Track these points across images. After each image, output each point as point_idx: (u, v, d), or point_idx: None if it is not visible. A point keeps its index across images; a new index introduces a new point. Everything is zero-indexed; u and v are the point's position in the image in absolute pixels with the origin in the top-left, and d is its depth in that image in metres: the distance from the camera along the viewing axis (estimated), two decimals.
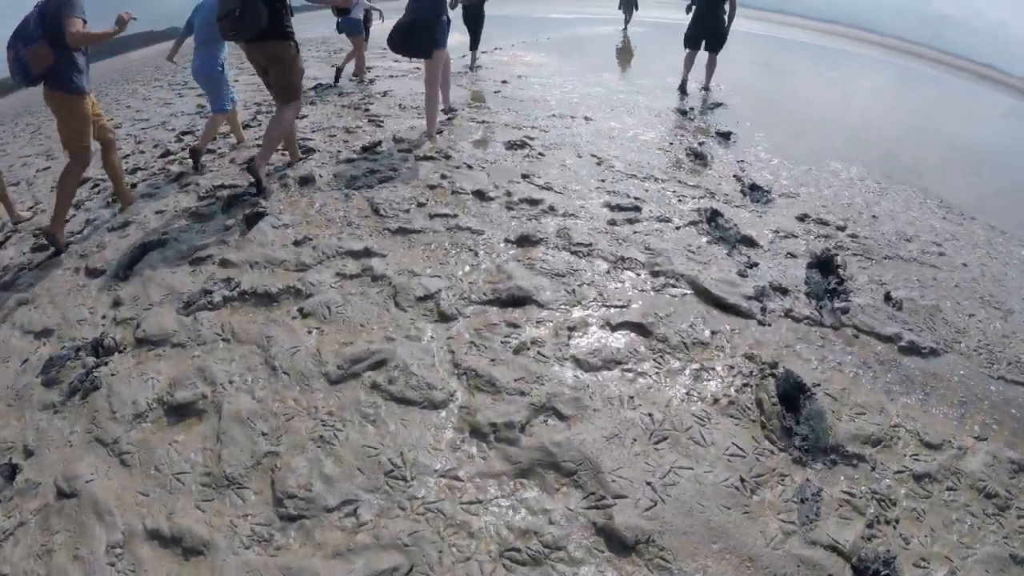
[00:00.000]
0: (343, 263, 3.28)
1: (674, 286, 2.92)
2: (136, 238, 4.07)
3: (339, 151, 5.23)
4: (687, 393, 2.25)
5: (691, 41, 7.90)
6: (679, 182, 4.33)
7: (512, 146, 5.01)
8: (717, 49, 7.93)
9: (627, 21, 18.99)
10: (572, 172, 4.43)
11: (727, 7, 7.61)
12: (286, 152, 5.17)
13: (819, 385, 2.33)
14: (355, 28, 8.55)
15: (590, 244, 3.29)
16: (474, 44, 9.71)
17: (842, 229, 3.84)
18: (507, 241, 3.38)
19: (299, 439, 2.22)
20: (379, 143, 5.35)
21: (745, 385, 2.30)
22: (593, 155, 4.79)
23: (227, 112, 5.54)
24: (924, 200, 4.78)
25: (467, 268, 3.15)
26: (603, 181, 4.25)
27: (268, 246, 3.55)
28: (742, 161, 5.01)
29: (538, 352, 2.42)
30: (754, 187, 4.40)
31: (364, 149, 5.26)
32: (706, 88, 8.18)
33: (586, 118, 6.06)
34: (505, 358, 2.40)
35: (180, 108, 9.00)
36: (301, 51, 4.27)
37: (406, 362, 2.41)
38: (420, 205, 3.95)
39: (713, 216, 3.76)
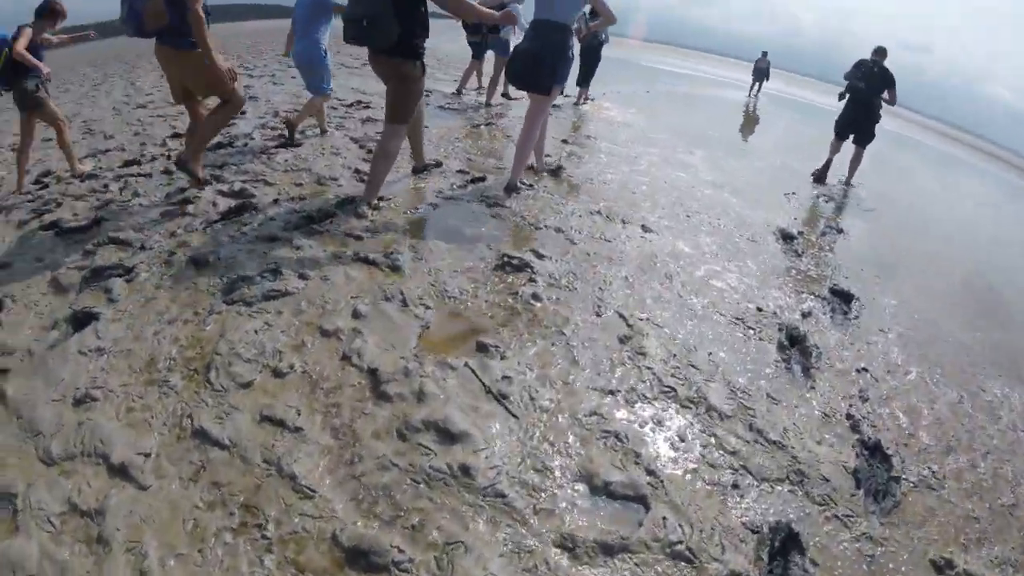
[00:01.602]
0: (87, 488, 1.84)
1: None
2: None
3: (272, 217, 3.66)
4: None
5: (840, 129, 7.28)
6: (749, 427, 2.32)
7: (503, 268, 3.20)
8: (865, 143, 7.32)
9: (753, 90, 18.50)
10: (567, 356, 2.52)
11: (887, 96, 6.92)
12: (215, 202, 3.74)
13: None
14: (504, 50, 7.86)
15: None
16: (585, 81, 9.45)
17: None
18: None
19: None
20: (331, 216, 3.71)
21: None
22: (621, 316, 2.89)
23: (327, 94, 5.58)
24: None
25: None
26: (610, 396, 2.33)
27: (37, 408, 2.14)
28: (864, 370, 2.95)
29: None
30: (876, 451, 2.37)
31: (308, 220, 3.65)
32: (847, 183, 7.36)
33: (643, 228, 4.14)
34: None
35: None
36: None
37: None
38: (276, 375, 2.27)
39: (785, 568, 1.80)
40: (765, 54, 18.34)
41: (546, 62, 4.06)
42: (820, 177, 7.18)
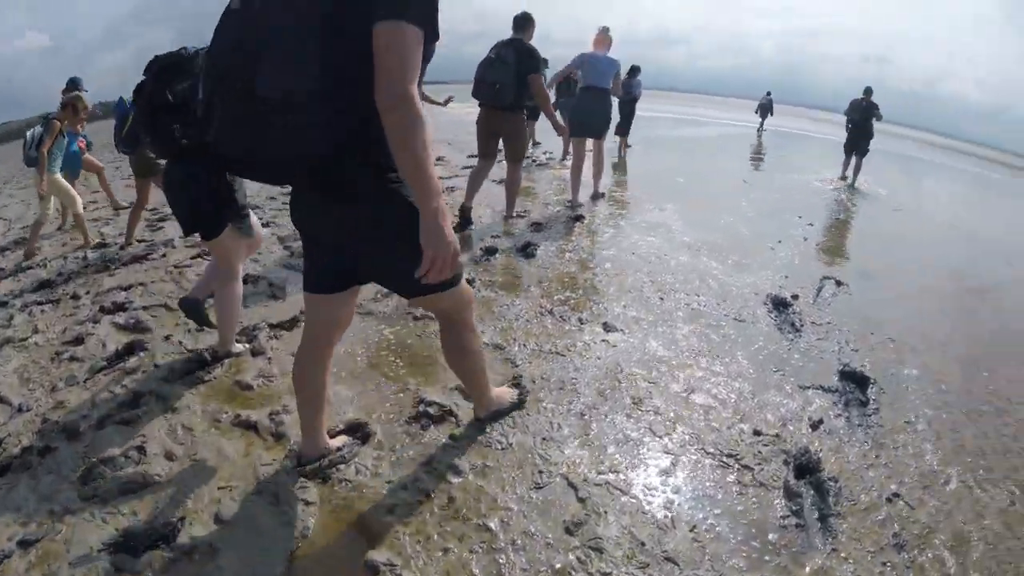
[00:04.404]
0: None
1: None
2: None
3: (157, 363, 3.01)
4: None
5: (847, 149, 10.32)
6: None
7: (419, 420, 2.48)
8: (863, 154, 10.11)
9: (760, 128, 20.79)
10: (490, 570, 1.81)
11: (876, 119, 9.97)
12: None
13: None
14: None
15: None
16: (623, 131, 11.04)
17: None
18: None
19: None
20: (229, 355, 3.05)
21: None
22: (571, 484, 2.15)
23: None
24: None
25: None
26: None
27: None
28: (895, 497, 2.17)
29: None
30: None
31: (199, 364, 2.98)
32: (852, 186, 9.91)
33: (605, 327, 3.47)
34: None
35: None
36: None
37: None
38: None
39: None
40: (769, 93, 21.10)
41: (604, 115, 6.29)
42: (843, 177, 10.32)
